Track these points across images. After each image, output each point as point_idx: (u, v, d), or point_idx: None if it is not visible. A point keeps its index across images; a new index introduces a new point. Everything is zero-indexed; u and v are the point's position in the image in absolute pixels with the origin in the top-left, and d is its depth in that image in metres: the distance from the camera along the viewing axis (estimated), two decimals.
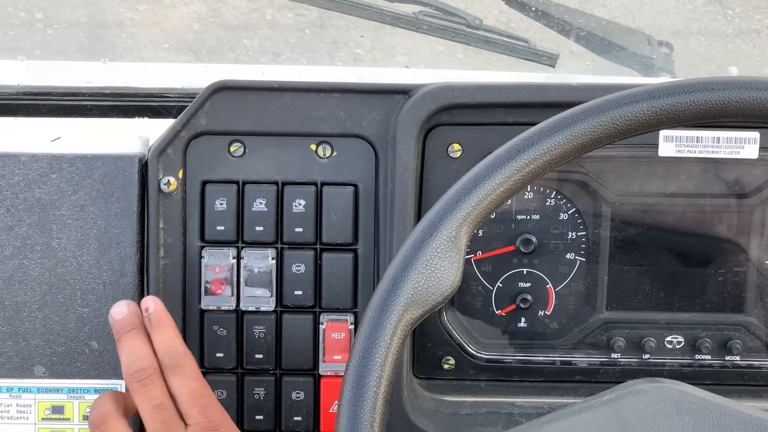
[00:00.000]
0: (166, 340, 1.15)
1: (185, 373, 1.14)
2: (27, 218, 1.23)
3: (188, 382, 1.13)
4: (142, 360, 1.13)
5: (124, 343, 1.15)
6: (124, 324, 1.16)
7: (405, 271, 0.93)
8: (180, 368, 1.14)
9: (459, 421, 1.29)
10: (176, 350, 1.15)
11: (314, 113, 1.25)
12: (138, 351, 1.14)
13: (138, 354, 1.14)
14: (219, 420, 1.12)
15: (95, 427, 1.12)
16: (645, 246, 1.30)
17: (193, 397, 1.12)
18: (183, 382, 1.13)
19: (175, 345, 1.15)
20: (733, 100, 0.95)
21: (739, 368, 1.33)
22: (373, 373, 0.90)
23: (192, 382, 1.13)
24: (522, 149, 0.95)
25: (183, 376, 1.13)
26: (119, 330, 1.16)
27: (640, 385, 0.96)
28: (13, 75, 1.54)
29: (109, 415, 1.13)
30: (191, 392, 1.13)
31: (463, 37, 1.66)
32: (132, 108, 1.47)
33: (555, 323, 1.33)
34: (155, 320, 1.16)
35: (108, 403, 1.14)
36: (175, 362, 1.14)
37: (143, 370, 1.12)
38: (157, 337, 1.16)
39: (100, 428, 1.12)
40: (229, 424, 1.13)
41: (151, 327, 1.16)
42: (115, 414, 1.13)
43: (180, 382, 1.13)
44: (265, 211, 1.26)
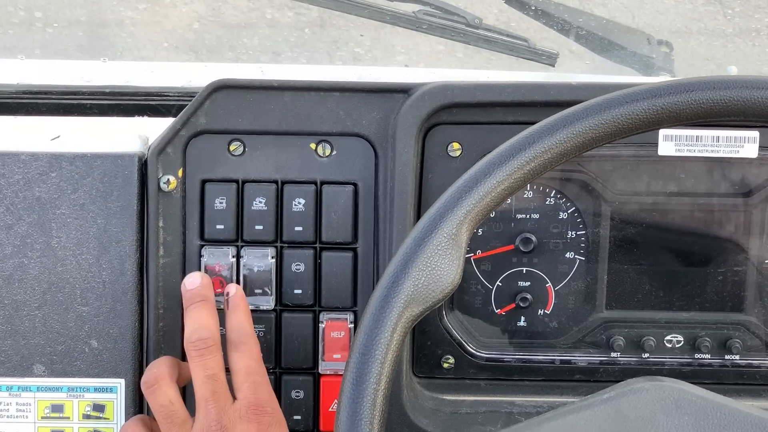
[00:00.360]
0: (238, 320, 1.20)
1: (246, 350, 1.18)
2: (27, 217, 1.23)
3: (247, 360, 1.17)
4: (204, 330, 1.17)
5: (191, 312, 1.19)
6: (194, 294, 1.21)
7: (405, 268, 0.93)
8: (243, 345, 1.18)
9: (458, 420, 1.29)
10: (244, 330, 1.19)
11: (314, 112, 1.25)
12: (203, 321, 1.18)
13: (202, 324, 1.17)
14: (266, 400, 1.15)
15: (147, 387, 1.17)
16: (644, 245, 1.30)
17: (248, 373, 1.16)
18: (242, 358, 1.17)
19: (244, 325, 1.20)
20: (734, 100, 0.95)
21: (738, 367, 1.33)
22: (373, 369, 0.90)
23: (250, 360, 1.17)
24: (523, 147, 0.95)
25: (243, 353, 1.17)
26: (189, 299, 1.20)
27: (640, 383, 0.96)
28: (13, 74, 1.54)
29: (162, 377, 1.17)
30: (247, 368, 1.16)
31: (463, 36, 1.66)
32: (132, 107, 1.47)
33: (554, 322, 1.33)
34: (233, 303, 1.21)
35: (163, 367, 1.18)
36: (240, 339, 1.18)
37: (203, 341, 1.16)
38: (231, 317, 1.20)
39: (152, 388, 1.16)
40: (275, 405, 1.16)
41: (227, 307, 1.21)
42: (168, 378, 1.17)
43: (239, 358, 1.17)
44: (265, 210, 1.26)
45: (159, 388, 1.16)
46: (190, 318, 1.18)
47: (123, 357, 1.24)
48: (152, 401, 1.16)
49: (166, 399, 1.15)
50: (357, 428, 0.90)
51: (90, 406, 1.24)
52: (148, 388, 1.16)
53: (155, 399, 1.16)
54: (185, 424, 1.14)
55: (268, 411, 1.14)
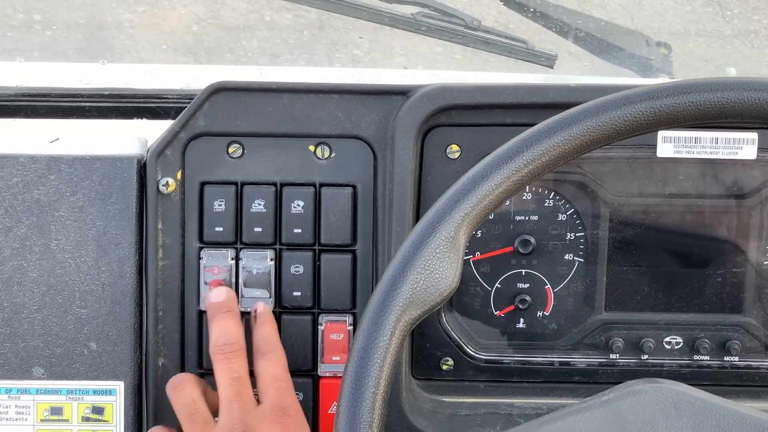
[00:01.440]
0: (266, 333, 1.22)
1: (273, 358, 1.19)
2: (26, 219, 1.23)
3: (273, 367, 1.19)
4: (230, 336, 1.19)
5: (217, 320, 1.21)
6: (221, 305, 1.22)
7: (404, 271, 0.93)
8: (270, 353, 1.20)
9: (458, 421, 1.29)
10: (271, 340, 1.21)
11: (313, 114, 1.25)
12: (229, 329, 1.20)
13: (228, 331, 1.19)
14: (291, 404, 1.17)
15: (171, 387, 1.20)
16: (643, 247, 1.30)
17: (273, 379, 1.17)
18: (268, 365, 1.19)
19: (272, 336, 1.22)
20: (732, 101, 0.95)
21: (737, 369, 1.33)
22: (372, 373, 0.90)
23: (276, 367, 1.19)
24: (521, 150, 0.95)
25: (270, 360, 1.19)
26: (215, 309, 1.22)
27: (639, 385, 0.96)
28: (12, 76, 1.54)
29: (187, 380, 1.20)
30: (273, 374, 1.18)
31: (462, 38, 1.66)
32: (130, 109, 1.47)
33: (554, 324, 1.33)
34: (260, 318, 1.23)
35: (188, 374, 1.21)
36: (267, 348, 1.20)
37: (230, 345, 1.18)
38: (258, 329, 1.22)
39: (176, 388, 1.19)
40: (298, 410, 1.17)
41: (255, 322, 1.23)
42: (193, 380, 1.20)
43: (265, 365, 1.19)
44: (264, 212, 1.26)
45: (183, 388, 1.19)
46: (216, 326, 1.20)
47: (122, 359, 1.24)
48: (175, 400, 1.18)
49: (189, 398, 1.17)
50: (356, 430, 0.90)
51: (89, 408, 1.24)
52: (173, 388, 1.19)
53: (178, 398, 1.18)
54: (207, 424, 1.15)
55: (292, 414, 1.15)
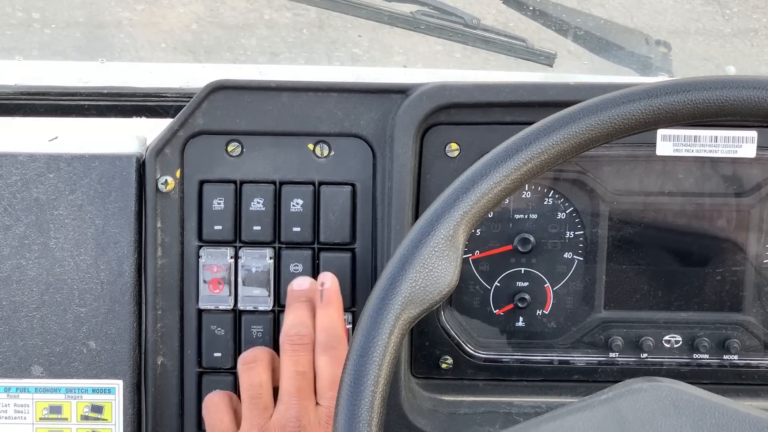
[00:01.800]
0: (330, 319, 1.19)
1: (336, 356, 1.17)
2: (24, 218, 1.22)
3: (335, 366, 1.16)
4: (302, 327, 1.18)
5: (293, 308, 1.20)
6: (300, 294, 1.22)
7: (403, 269, 0.93)
8: (333, 350, 1.17)
9: (457, 420, 1.29)
10: (335, 331, 1.19)
11: (312, 113, 1.25)
12: (302, 319, 1.19)
13: (301, 321, 1.18)
14: None
15: (244, 363, 1.19)
16: (643, 245, 1.30)
17: (334, 381, 1.15)
18: (331, 363, 1.16)
19: (336, 326, 1.19)
20: (731, 99, 0.95)
21: (737, 367, 1.33)
22: (370, 371, 0.90)
23: (338, 368, 1.13)
24: (520, 148, 0.95)
25: (333, 358, 1.17)
26: (295, 298, 1.22)
27: (638, 384, 0.96)
28: (11, 75, 1.54)
29: (261, 359, 1.19)
30: (334, 376, 1.15)
31: (461, 36, 1.66)
32: (129, 108, 1.47)
33: (553, 322, 1.33)
34: (326, 297, 1.21)
35: (264, 351, 1.21)
36: (330, 343, 1.18)
37: (300, 337, 1.17)
38: (322, 313, 1.20)
39: (248, 365, 1.19)
40: None
41: (320, 302, 1.20)
42: (266, 362, 1.19)
43: (328, 363, 1.17)
44: (263, 210, 1.26)
45: (255, 368, 1.18)
46: (291, 314, 1.20)
47: (121, 358, 1.24)
48: (244, 378, 1.18)
49: (258, 380, 1.17)
50: (355, 429, 0.90)
51: (88, 407, 1.24)
52: (245, 364, 1.19)
53: (248, 377, 1.18)
54: (266, 411, 1.16)
55: None
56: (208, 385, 1.27)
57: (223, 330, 1.26)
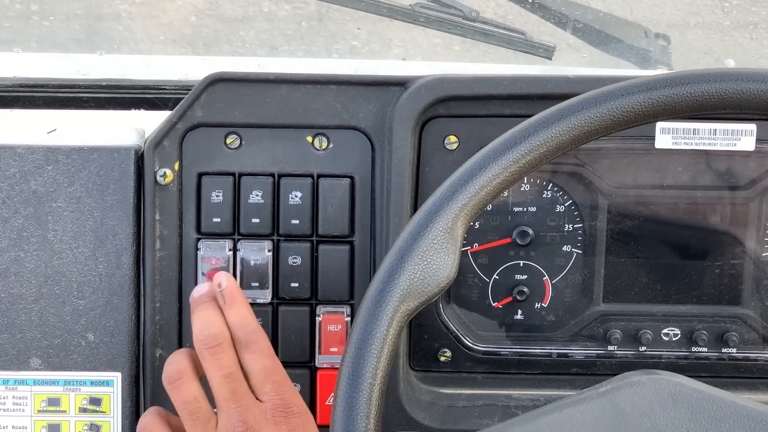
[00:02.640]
0: (240, 316, 1.15)
1: (258, 350, 1.13)
2: (23, 210, 1.22)
3: (262, 359, 1.13)
4: (213, 327, 1.13)
5: (197, 312, 1.15)
6: (201, 295, 1.17)
7: (401, 262, 0.93)
8: (253, 345, 1.13)
9: (455, 413, 1.29)
10: (249, 326, 1.14)
11: (311, 105, 1.25)
12: (210, 320, 1.14)
13: (210, 322, 1.13)
14: (291, 399, 1.12)
15: (170, 382, 1.13)
16: (641, 238, 1.30)
17: (266, 374, 1.12)
18: (256, 359, 1.13)
19: (248, 321, 1.15)
20: (731, 92, 0.95)
21: (735, 360, 1.33)
22: (369, 363, 0.90)
23: (266, 359, 1.13)
24: (519, 140, 0.95)
25: (256, 353, 1.13)
26: (194, 302, 1.17)
27: (637, 376, 0.96)
28: (10, 67, 1.54)
29: (184, 372, 1.13)
30: (265, 369, 1.13)
31: (460, 29, 1.66)
32: (128, 100, 1.47)
33: (551, 315, 1.33)
34: (228, 296, 1.16)
35: (184, 361, 1.15)
36: (248, 338, 1.13)
37: (213, 337, 1.12)
38: (231, 313, 1.15)
39: (175, 384, 1.13)
40: (300, 403, 1.13)
41: (224, 303, 1.16)
42: (191, 373, 1.14)
43: (253, 360, 1.13)
44: (262, 203, 1.26)
45: (182, 384, 1.12)
46: (197, 318, 1.14)
47: (119, 350, 1.24)
48: (176, 397, 1.12)
49: (191, 395, 1.12)
50: (353, 422, 0.90)
51: (86, 399, 1.24)
52: (171, 383, 1.13)
53: (179, 395, 1.12)
54: (210, 422, 1.11)
55: (296, 411, 1.11)
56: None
57: None
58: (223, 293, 1.16)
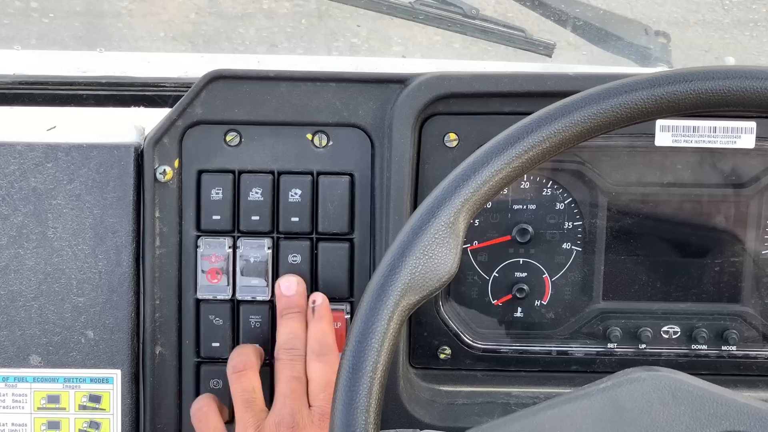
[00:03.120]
0: (322, 331, 1.22)
1: (328, 362, 1.21)
2: (22, 207, 1.22)
3: (327, 371, 1.20)
4: (297, 340, 1.22)
5: (287, 321, 1.23)
6: (291, 303, 1.24)
7: (403, 256, 0.93)
8: (325, 357, 1.21)
9: (455, 410, 1.29)
10: (327, 342, 1.22)
11: (310, 103, 1.25)
12: (297, 333, 1.22)
13: (296, 335, 1.22)
14: None
15: (234, 371, 1.21)
16: (641, 236, 1.30)
17: (326, 384, 1.19)
18: (323, 369, 1.20)
19: (327, 337, 1.22)
20: (732, 90, 0.95)
21: (735, 358, 1.33)
22: (369, 358, 0.90)
23: (330, 373, 1.20)
24: (520, 137, 0.95)
25: (325, 364, 1.20)
26: (285, 307, 1.24)
27: (637, 373, 0.96)
28: (9, 64, 1.54)
29: (250, 365, 1.22)
30: (327, 380, 1.19)
31: (460, 26, 1.66)
32: (128, 97, 1.46)
33: (551, 313, 1.33)
34: (318, 313, 1.24)
35: (252, 356, 1.23)
36: (323, 351, 1.21)
37: (297, 349, 1.21)
38: (315, 327, 1.23)
39: (239, 373, 1.21)
40: None
41: (312, 317, 1.24)
42: (255, 367, 1.22)
43: (320, 369, 1.20)
44: (261, 200, 1.26)
45: (245, 375, 1.21)
46: (286, 326, 1.23)
47: (119, 348, 1.24)
48: (236, 386, 1.20)
49: (250, 385, 1.20)
50: (353, 417, 0.90)
51: (86, 396, 1.24)
52: (236, 372, 1.21)
53: (240, 384, 1.20)
54: (261, 413, 1.19)
55: None
56: (206, 375, 1.27)
57: (221, 320, 1.26)
58: (315, 308, 1.24)
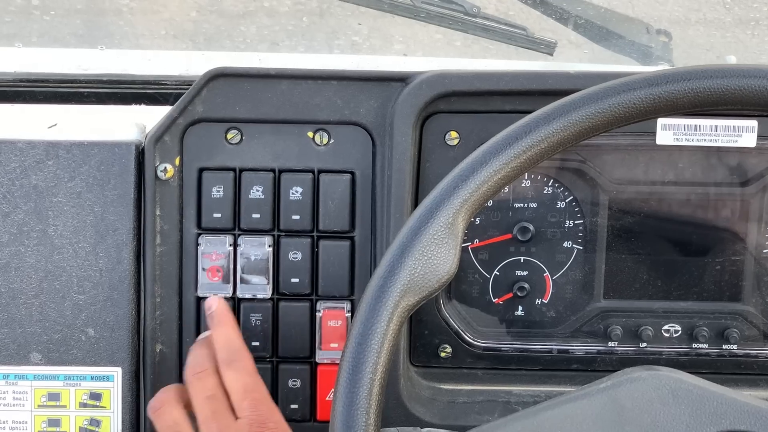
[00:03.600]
0: (225, 336, 1.19)
1: (240, 368, 1.16)
2: (23, 205, 1.22)
3: (242, 377, 1.15)
4: (202, 358, 1.17)
5: (192, 350, 1.20)
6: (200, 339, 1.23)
7: (402, 257, 0.93)
8: (235, 363, 1.16)
9: (456, 409, 1.29)
10: (233, 345, 1.18)
11: (311, 101, 1.25)
12: (201, 356, 1.18)
13: (201, 354, 1.18)
14: (267, 415, 1.13)
15: (153, 411, 1.17)
16: (642, 234, 1.30)
17: (245, 391, 1.14)
18: (237, 377, 1.15)
19: (232, 341, 1.18)
20: (732, 88, 0.95)
21: (736, 357, 1.34)
22: (369, 359, 0.90)
23: (246, 377, 1.16)
24: (520, 136, 0.95)
25: (237, 371, 1.16)
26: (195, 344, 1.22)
27: (637, 372, 0.96)
28: (10, 62, 1.54)
29: (167, 401, 1.17)
30: (244, 386, 1.15)
31: (461, 24, 1.66)
32: (129, 95, 1.47)
33: (552, 312, 1.33)
34: (216, 318, 1.20)
35: (168, 392, 1.18)
36: (231, 357, 1.17)
37: (200, 364, 1.17)
38: (216, 333, 1.19)
39: (157, 412, 1.16)
40: (278, 418, 1.14)
41: (212, 323, 1.20)
42: (173, 401, 1.17)
43: (234, 378, 1.15)
44: (262, 198, 1.26)
45: (164, 411, 1.16)
46: (193, 351, 1.20)
47: (120, 345, 1.24)
48: (159, 423, 1.16)
49: (171, 420, 1.15)
50: (353, 417, 0.90)
51: (87, 394, 1.24)
52: (154, 411, 1.17)
53: (161, 421, 1.16)
54: None
55: (271, 426, 1.13)
56: None
57: None
58: (213, 314, 1.20)
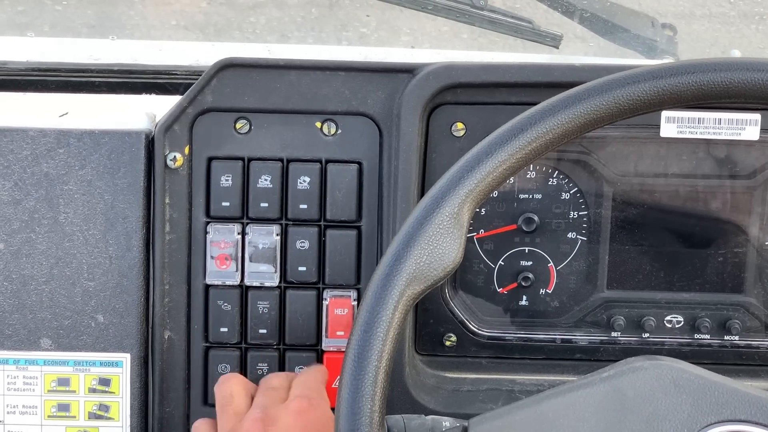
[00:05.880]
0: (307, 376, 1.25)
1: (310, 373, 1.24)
2: (34, 192, 1.24)
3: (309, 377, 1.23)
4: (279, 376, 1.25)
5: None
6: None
7: (407, 246, 0.93)
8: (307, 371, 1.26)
9: (460, 397, 1.30)
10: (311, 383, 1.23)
11: (320, 91, 1.26)
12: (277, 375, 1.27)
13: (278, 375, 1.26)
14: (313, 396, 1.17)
15: (219, 383, 1.22)
16: (646, 226, 1.31)
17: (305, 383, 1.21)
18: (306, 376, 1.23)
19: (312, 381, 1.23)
20: (736, 81, 0.95)
21: (737, 348, 1.34)
22: (374, 347, 0.91)
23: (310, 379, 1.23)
24: (525, 127, 0.96)
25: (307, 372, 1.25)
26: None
27: (639, 362, 0.97)
28: (23, 51, 1.55)
29: (233, 378, 1.22)
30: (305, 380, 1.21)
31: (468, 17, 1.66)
32: (139, 85, 1.47)
33: (556, 302, 1.34)
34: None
35: (239, 376, 1.24)
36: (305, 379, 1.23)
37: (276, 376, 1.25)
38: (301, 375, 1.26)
39: (220, 384, 1.22)
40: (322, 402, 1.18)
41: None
42: (240, 382, 1.22)
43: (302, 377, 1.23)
44: (270, 187, 1.27)
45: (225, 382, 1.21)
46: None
47: (129, 332, 1.25)
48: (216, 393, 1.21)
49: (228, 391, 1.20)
50: (359, 405, 0.90)
51: (96, 380, 1.25)
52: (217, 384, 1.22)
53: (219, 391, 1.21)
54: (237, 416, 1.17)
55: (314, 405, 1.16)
56: (214, 360, 1.28)
57: (229, 305, 1.27)
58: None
